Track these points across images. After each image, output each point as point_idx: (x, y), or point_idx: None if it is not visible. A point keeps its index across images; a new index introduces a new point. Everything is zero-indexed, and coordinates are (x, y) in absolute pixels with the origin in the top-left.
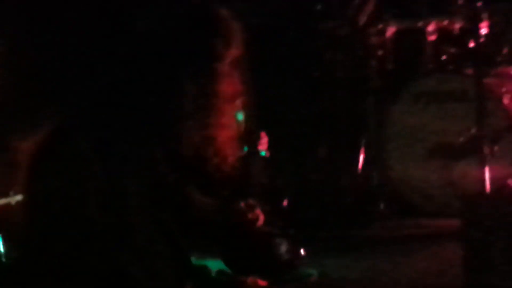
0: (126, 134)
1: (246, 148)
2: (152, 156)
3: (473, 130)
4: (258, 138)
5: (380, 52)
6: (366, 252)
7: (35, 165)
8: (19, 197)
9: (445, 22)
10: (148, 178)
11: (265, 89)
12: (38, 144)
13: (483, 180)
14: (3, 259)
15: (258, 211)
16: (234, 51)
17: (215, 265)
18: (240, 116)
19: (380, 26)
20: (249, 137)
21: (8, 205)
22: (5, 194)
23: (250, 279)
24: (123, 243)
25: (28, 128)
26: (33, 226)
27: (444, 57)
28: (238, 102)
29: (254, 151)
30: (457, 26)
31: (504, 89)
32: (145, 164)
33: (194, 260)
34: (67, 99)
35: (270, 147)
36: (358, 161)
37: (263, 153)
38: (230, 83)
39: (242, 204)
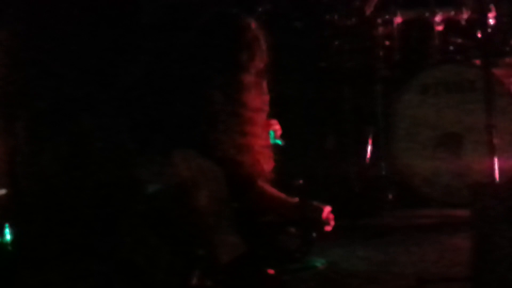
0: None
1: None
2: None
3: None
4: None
5: (387, 43)
6: (375, 241)
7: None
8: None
9: (453, 13)
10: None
11: (272, 79)
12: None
13: (492, 170)
14: (10, 248)
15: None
16: (259, 62)
17: None
18: (272, 134)
19: (387, 16)
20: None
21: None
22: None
23: (260, 269)
24: (122, 229)
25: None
26: (29, 216)
27: (451, 48)
28: (265, 112)
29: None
30: (465, 16)
31: None
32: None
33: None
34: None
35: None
36: (366, 151)
37: (279, 142)
38: (256, 93)
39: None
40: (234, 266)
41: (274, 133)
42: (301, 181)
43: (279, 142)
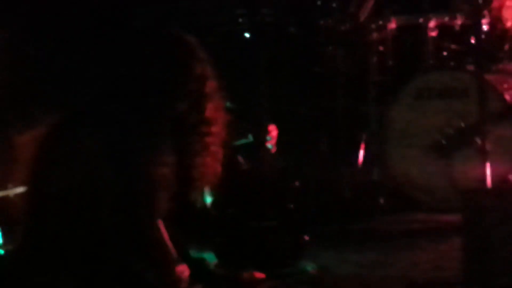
0: (135, 130)
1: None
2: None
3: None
4: (266, 131)
5: (381, 48)
6: (366, 246)
7: (40, 159)
8: (18, 190)
9: (446, 18)
10: (153, 174)
11: (266, 84)
12: (41, 138)
13: (484, 175)
14: (1, 250)
15: None
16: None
17: (213, 258)
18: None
19: (381, 22)
20: (256, 130)
21: (6, 198)
22: (4, 187)
23: (246, 273)
24: (131, 242)
25: (26, 123)
26: (36, 219)
27: (445, 53)
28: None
29: (262, 144)
30: (458, 22)
31: (505, 85)
32: (154, 160)
33: (192, 253)
34: (72, 94)
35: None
36: (358, 156)
37: (270, 146)
38: (199, 110)
39: None
40: None
41: (271, 138)
42: (297, 183)
43: (270, 146)
